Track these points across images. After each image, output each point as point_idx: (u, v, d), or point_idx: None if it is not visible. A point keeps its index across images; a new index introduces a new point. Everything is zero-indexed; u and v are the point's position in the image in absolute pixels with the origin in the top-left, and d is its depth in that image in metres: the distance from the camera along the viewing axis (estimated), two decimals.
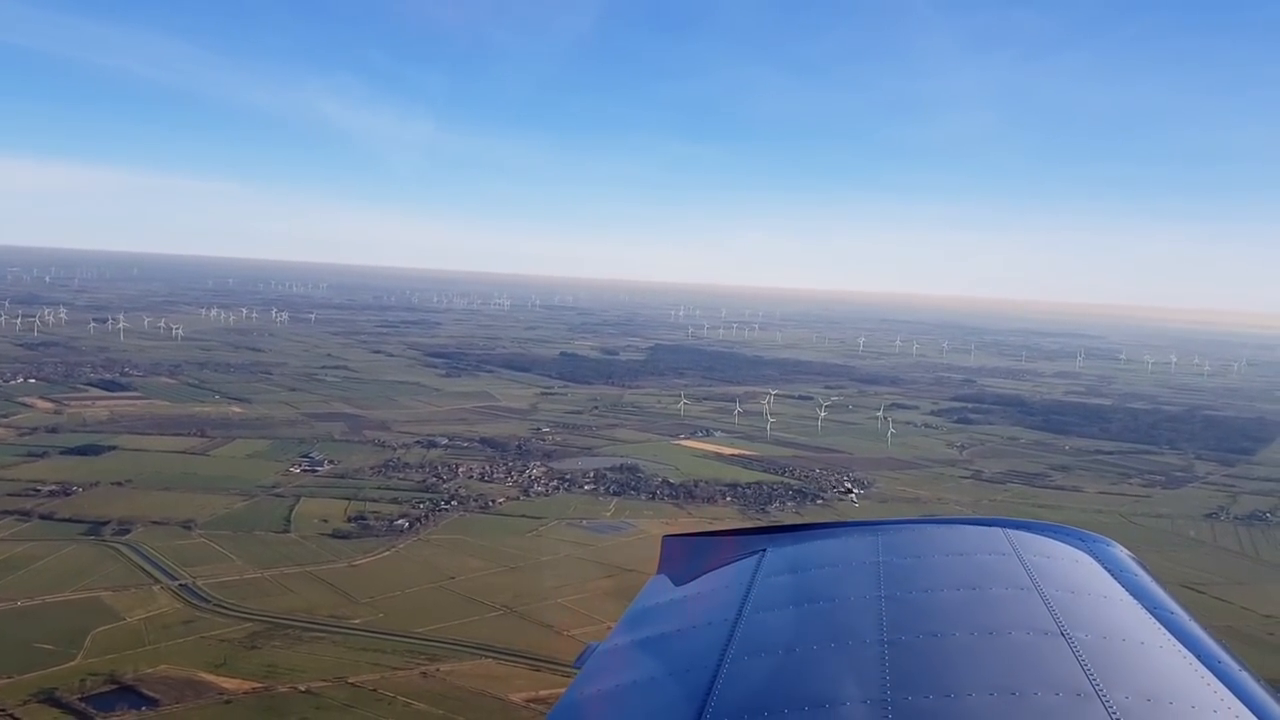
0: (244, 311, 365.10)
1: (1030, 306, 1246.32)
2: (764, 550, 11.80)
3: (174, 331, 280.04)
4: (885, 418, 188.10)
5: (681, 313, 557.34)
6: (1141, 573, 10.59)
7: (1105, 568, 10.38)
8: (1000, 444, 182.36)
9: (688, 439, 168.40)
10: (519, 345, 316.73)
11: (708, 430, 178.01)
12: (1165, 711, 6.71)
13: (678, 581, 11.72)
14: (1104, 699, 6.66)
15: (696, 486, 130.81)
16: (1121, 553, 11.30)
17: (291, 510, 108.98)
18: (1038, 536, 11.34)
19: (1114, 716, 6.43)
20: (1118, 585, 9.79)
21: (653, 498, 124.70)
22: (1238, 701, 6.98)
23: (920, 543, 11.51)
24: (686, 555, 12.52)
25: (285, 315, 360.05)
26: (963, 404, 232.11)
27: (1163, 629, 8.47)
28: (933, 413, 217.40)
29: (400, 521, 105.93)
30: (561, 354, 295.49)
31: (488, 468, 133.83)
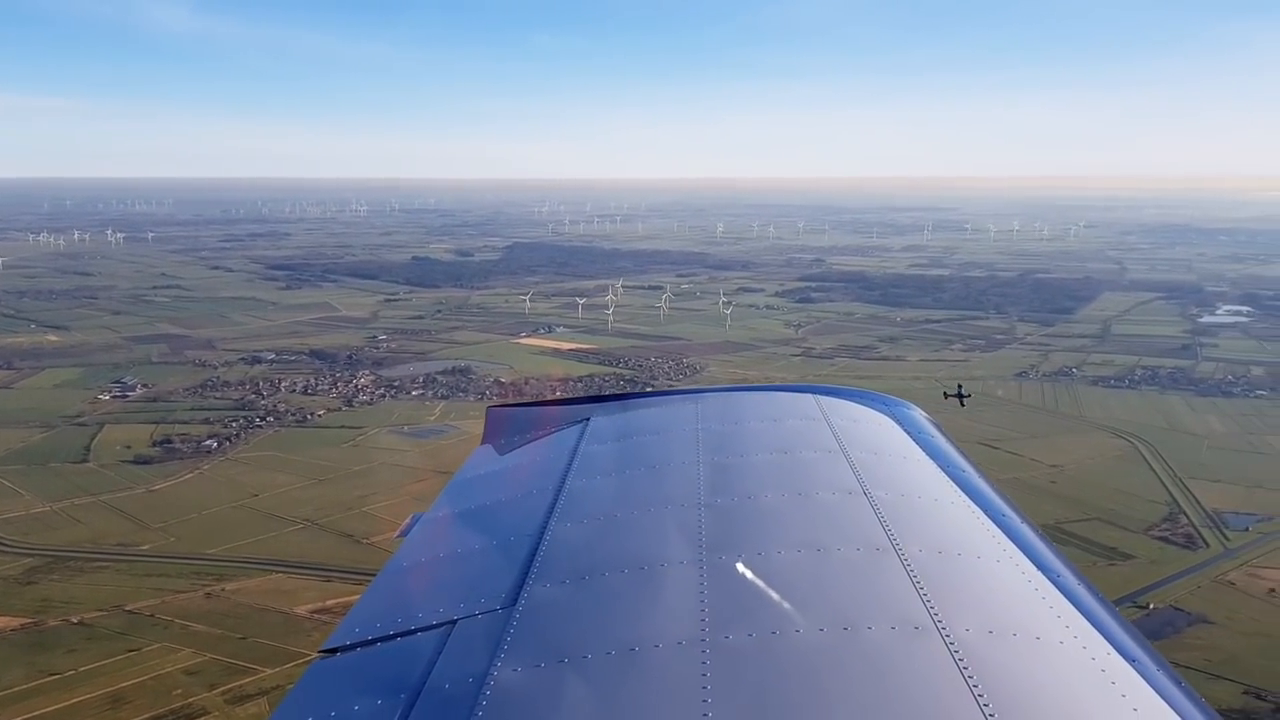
0: (76, 234, 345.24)
1: (892, 183, 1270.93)
2: (588, 419, 12.01)
3: None
4: (726, 302, 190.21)
5: (546, 209, 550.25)
6: (938, 434, 11.21)
7: (905, 430, 10.97)
8: (836, 320, 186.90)
9: (528, 337, 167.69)
10: (369, 252, 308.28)
11: (550, 327, 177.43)
12: (954, 562, 7.18)
13: (502, 451, 11.80)
14: (900, 552, 7.11)
15: (527, 384, 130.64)
16: (920, 415, 11.96)
17: (93, 439, 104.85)
18: (845, 401, 11.94)
19: (908, 568, 6.84)
20: (916, 446, 10.36)
21: (481, 398, 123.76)
22: (1016, 549, 7.56)
23: (737, 409, 11.92)
24: (511, 426, 12.56)
25: (121, 236, 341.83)
26: (808, 284, 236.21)
27: (954, 486, 9.04)
28: (777, 294, 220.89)
29: (209, 442, 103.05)
30: (413, 258, 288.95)
31: (312, 380, 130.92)
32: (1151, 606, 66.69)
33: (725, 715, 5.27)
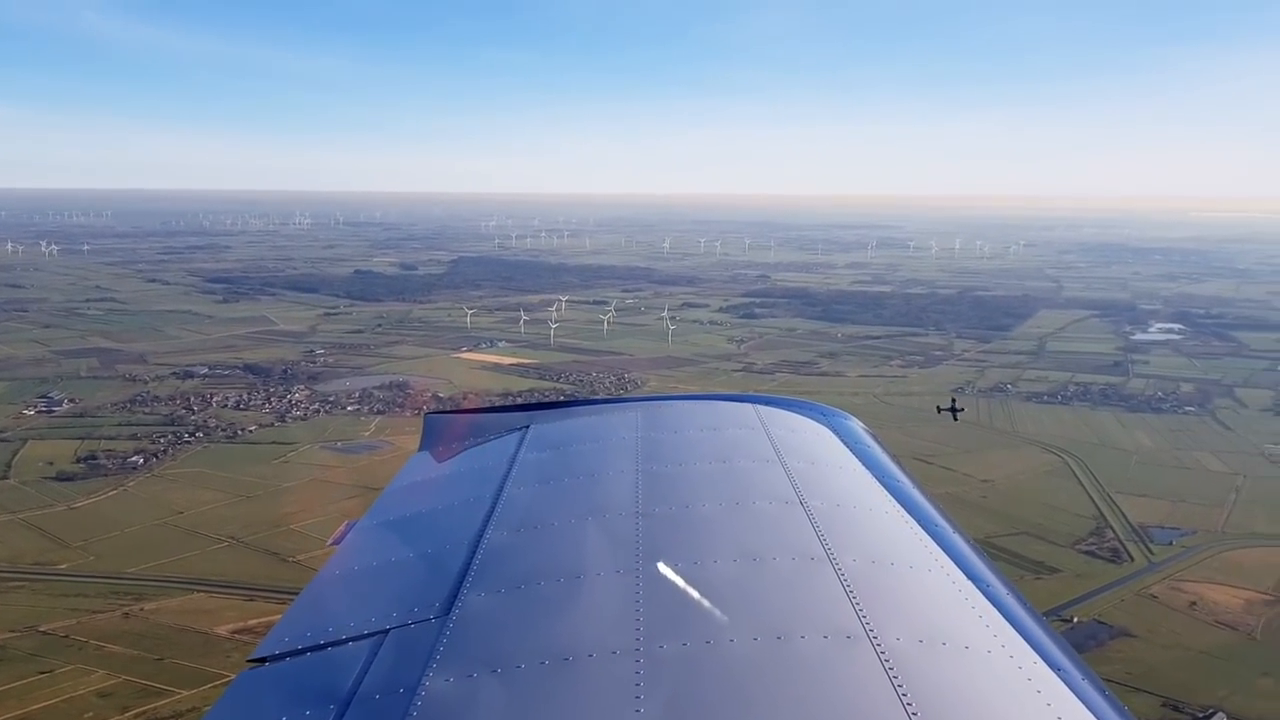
0: (9, 246, 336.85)
1: (839, 201, 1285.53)
2: (527, 427, 11.94)
3: None
4: (670, 317, 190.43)
5: (493, 224, 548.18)
6: (874, 444, 11.40)
7: (842, 440, 11.11)
8: (778, 336, 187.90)
9: (469, 351, 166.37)
10: (311, 266, 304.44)
11: (492, 342, 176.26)
12: (887, 572, 7.25)
13: (439, 459, 11.74)
14: (834, 562, 7.18)
15: (465, 399, 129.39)
16: (858, 426, 12.13)
17: (15, 455, 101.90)
18: (783, 411, 11.98)
19: (842, 578, 6.89)
20: (852, 456, 10.50)
21: (418, 414, 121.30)
22: (948, 559, 7.65)
23: (676, 418, 11.93)
24: (449, 433, 12.50)
25: (56, 248, 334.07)
26: (752, 299, 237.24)
27: (889, 497, 9.14)
28: (721, 309, 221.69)
29: (135, 458, 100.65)
30: (356, 272, 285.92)
31: (245, 395, 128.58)
32: (1075, 620, 67.45)
33: None
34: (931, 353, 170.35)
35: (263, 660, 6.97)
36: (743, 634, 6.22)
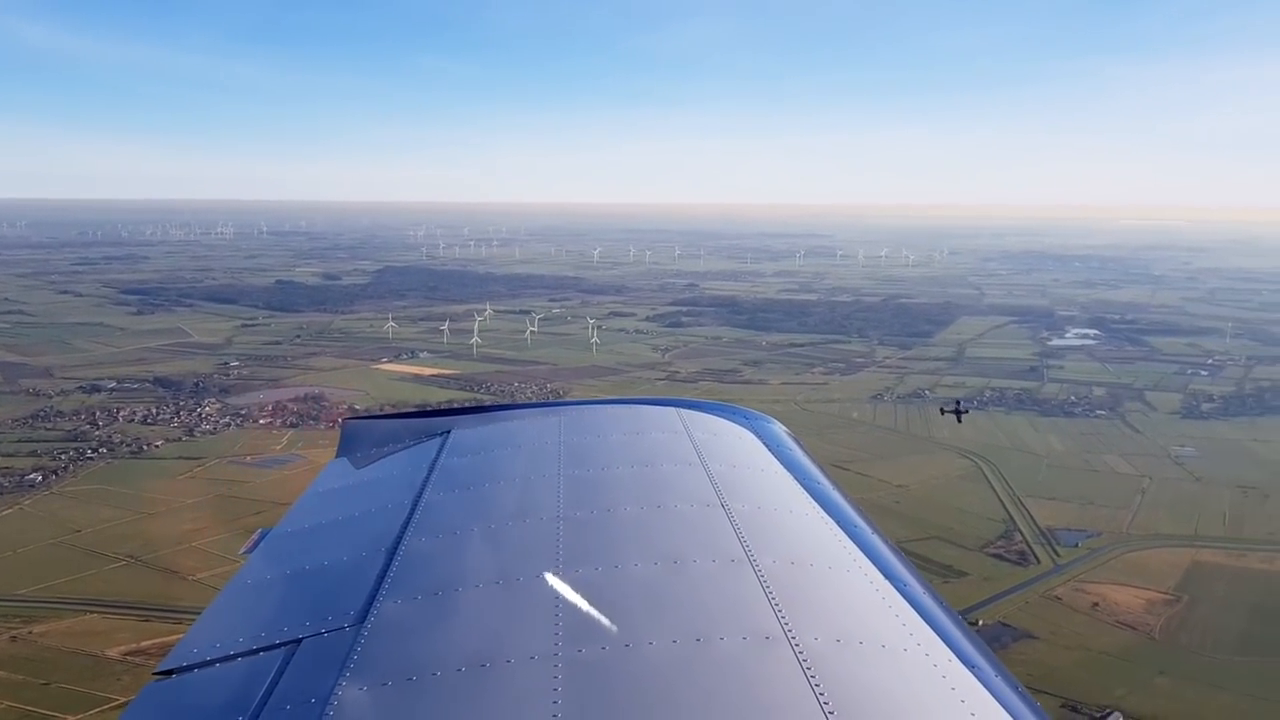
0: None
1: (770, 210, 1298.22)
2: (447, 432, 11.74)
3: None
4: (594, 326, 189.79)
5: (422, 233, 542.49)
6: (796, 447, 11.42)
7: (764, 443, 11.12)
8: (703, 344, 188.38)
9: (389, 362, 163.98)
10: (231, 276, 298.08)
11: (413, 352, 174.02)
12: (806, 573, 7.29)
13: (358, 465, 11.50)
14: (754, 563, 7.19)
15: (382, 410, 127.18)
16: (780, 429, 12.14)
17: None
18: (706, 415, 12.00)
19: (761, 579, 6.90)
20: (774, 459, 10.53)
21: (332, 426, 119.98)
22: (866, 560, 7.71)
23: (599, 422, 11.82)
24: (368, 438, 12.22)
25: None
26: (679, 308, 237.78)
27: (809, 499, 9.16)
28: (648, 318, 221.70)
29: (34, 475, 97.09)
30: (277, 282, 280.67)
31: (154, 409, 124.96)
32: (980, 623, 67.94)
33: None
34: (853, 360, 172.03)
35: (170, 673, 6.76)
36: (662, 636, 6.21)
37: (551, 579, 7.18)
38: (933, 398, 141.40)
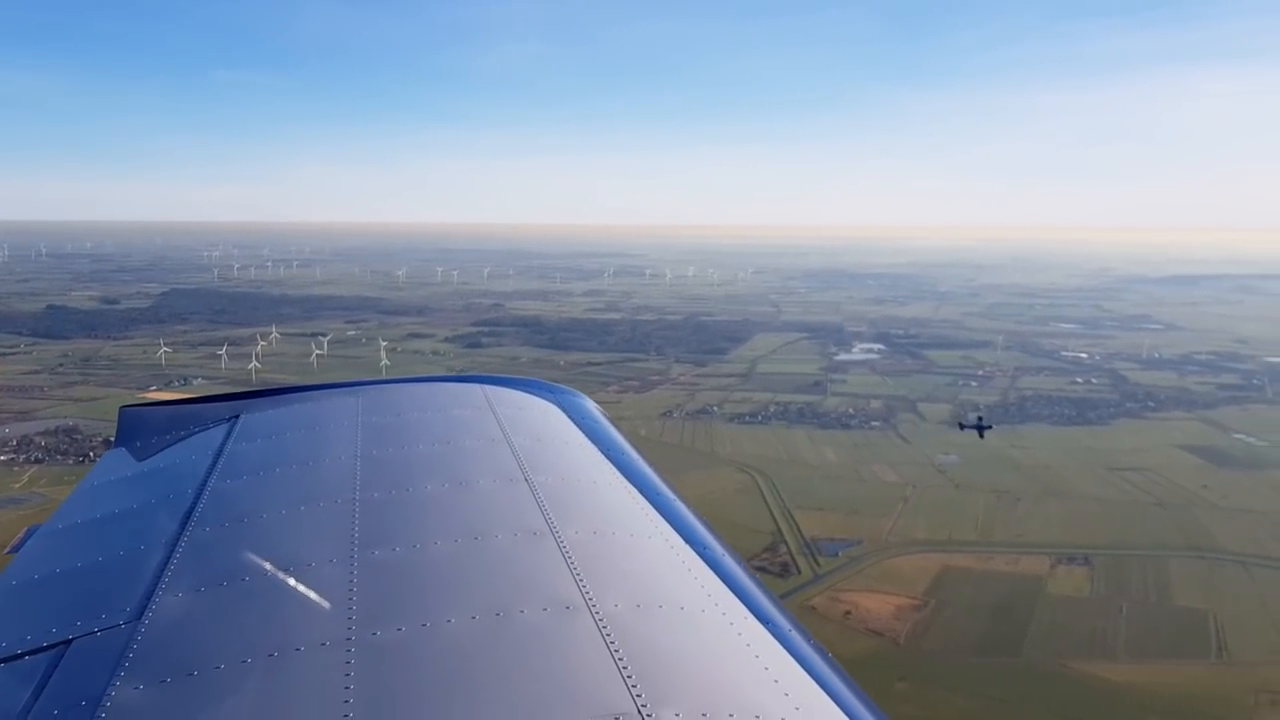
0: None
1: (585, 230, 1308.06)
2: (237, 417, 11.20)
3: None
4: (388, 349, 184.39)
5: (217, 253, 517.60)
6: (603, 420, 11.48)
7: (570, 417, 10.94)
8: (500, 365, 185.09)
9: (157, 390, 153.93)
10: None
11: (186, 379, 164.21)
12: (608, 541, 7.27)
13: (138, 455, 10.71)
14: (557, 535, 7.14)
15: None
16: (587, 403, 12.25)
17: None
18: (512, 390, 11.80)
19: (564, 550, 6.88)
20: (579, 433, 10.36)
21: (83, 461, 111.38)
22: (668, 527, 7.72)
23: (399, 401, 11.47)
24: (148, 427, 11.37)
25: None
26: (481, 329, 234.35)
27: (614, 470, 9.08)
28: (447, 339, 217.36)
29: None
30: (48, 307, 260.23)
31: None
32: None
33: (365, 713, 5.08)
34: (648, 377, 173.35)
35: None
36: (461, 613, 6.05)
37: (344, 562, 6.86)
38: (719, 413, 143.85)
